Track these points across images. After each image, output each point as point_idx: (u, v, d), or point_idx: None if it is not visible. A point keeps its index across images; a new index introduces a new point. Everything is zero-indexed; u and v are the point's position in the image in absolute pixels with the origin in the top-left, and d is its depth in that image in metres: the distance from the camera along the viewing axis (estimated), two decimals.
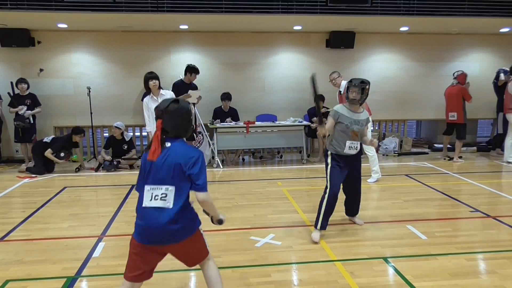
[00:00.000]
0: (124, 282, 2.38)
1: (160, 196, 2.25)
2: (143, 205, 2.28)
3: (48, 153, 6.91)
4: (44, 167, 6.96)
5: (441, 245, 3.78)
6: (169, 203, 2.24)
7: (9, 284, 3.11)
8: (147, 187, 2.29)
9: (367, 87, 3.86)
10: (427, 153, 8.67)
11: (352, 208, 4.35)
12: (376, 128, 9.36)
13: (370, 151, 6.25)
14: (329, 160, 3.97)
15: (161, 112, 2.35)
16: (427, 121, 9.81)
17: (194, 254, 2.46)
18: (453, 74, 7.92)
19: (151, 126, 5.46)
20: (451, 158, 7.89)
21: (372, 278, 3.15)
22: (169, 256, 2.44)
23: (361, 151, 4.09)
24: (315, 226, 3.94)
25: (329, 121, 3.95)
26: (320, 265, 3.39)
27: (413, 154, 8.59)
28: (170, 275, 3.24)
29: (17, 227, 4.36)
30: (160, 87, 5.44)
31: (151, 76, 5.38)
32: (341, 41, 8.56)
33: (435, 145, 9.10)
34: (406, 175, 6.67)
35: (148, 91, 5.47)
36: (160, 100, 5.37)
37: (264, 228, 4.25)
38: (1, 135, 7.72)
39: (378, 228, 4.27)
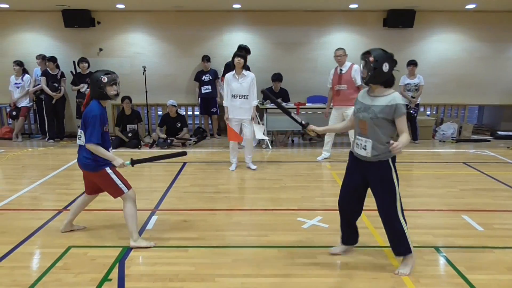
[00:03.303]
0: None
1: (78, 136, 3.38)
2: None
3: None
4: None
5: (498, 238, 3.58)
6: (82, 142, 3.29)
7: (71, 250, 3.37)
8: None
9: (371, 58, 2.76)
10: (489, 141, 8.15)
11: (389, 241, 3.03)
12: (434, 112, 8.92)
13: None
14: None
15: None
16: (491, 106, 9.17)
17: (106, 187, 3.38)
18: None
19: (228, 102, 5.64)
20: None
21: (421, 267, 3.06)
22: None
23: (393, 160, 2.87)
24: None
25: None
26: (368, 250, 3.34)
27: (473, 142, 8.11)
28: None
29: (78, 198, 4.66)
30: (244, 67, 5.54)
31: (238, 54, 5.58)
32: (400, 20, 8.18)
33: (499, 132, 8.53)
34: (464, 163, 6.33)
35: (232, 67, 5.62)
36: (240, 80, 5.54)
37: (312, 210, 4.25)
38: (64, 111, 8.24)
39: (430, 216, 4.12)
